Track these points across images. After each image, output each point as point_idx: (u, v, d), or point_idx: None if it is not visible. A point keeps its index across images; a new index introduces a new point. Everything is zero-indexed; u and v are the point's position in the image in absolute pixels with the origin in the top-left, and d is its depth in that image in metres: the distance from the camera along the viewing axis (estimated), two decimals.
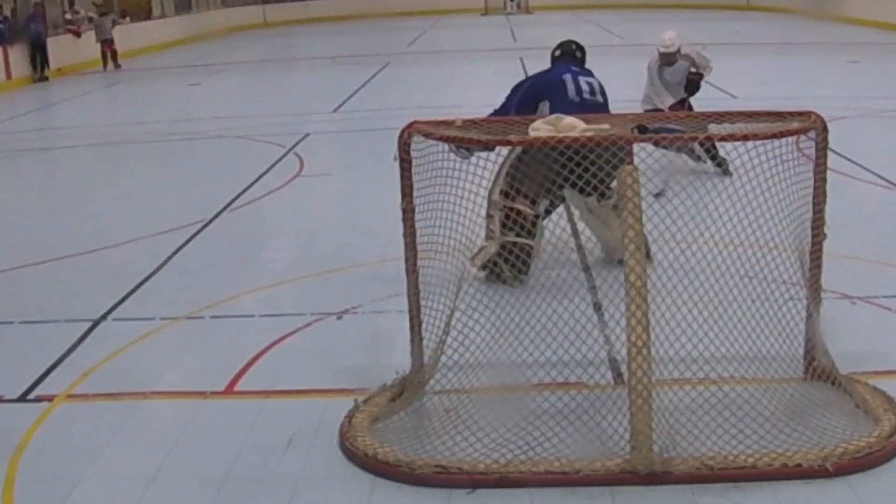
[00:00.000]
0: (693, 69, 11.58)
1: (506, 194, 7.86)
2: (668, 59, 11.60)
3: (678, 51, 11.62)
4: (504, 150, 7.71)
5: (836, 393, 5.68)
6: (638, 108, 11.05)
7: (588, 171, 6.19)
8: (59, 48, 29.34)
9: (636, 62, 21.16)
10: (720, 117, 5.91)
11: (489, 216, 7.87)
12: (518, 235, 7.74)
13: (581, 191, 7.19)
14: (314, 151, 14.69)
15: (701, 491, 4.86)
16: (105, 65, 30.38)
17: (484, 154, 6.21)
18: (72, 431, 5.88)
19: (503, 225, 7.81)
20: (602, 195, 7.40)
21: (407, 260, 5.75)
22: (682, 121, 6.01)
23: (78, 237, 10.34)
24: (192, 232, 10.24)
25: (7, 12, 28.71)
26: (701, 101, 11.53)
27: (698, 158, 11.23)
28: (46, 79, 27.67)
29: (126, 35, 31.88)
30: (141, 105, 23.02)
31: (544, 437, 5.26)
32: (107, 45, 30.48)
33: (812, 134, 5.53)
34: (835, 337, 6.00)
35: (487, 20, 48.50)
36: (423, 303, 5.82)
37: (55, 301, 8.26)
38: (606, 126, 5.67)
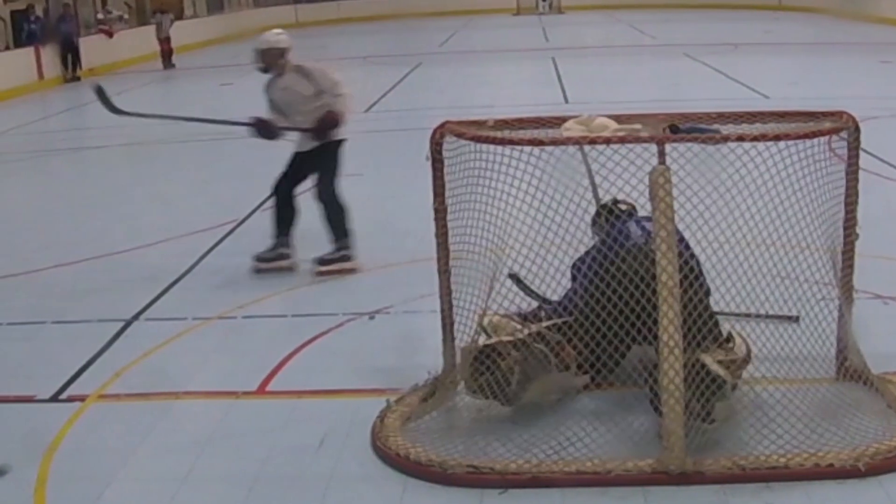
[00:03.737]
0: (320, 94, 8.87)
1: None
2: (269, 65, 8.82)
3: (282, 55, 8.74)
4: None
5: (868, 393, 5.65)
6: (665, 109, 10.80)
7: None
8: (91, 48, 29.51)
9: (668, 62, 21.18)
10: (752, 117, 5.89)
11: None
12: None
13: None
14: (345, 151, 14.65)
15: (733, 491, 4.85)
16: (164, 62, 30.86)
17: (517, 154, 6.11)
18: (104, 431, 5.92)
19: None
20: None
21: (439, 260, 5.76)
22: (715, 120, 5.97)
23: (110, 237, 10.40)
24: (225, 232, 10.28)
25: (39, 13, 28.87)
26: (731, 102, 11.44)
27: None
28: (78, 79, 27.76)
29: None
30: (172, 105, 23.05)
31: (576, 436, 5.26)
32: (164, 43, 30.75)
33: (844, 134, 5.50)
34: (867, 337, 5.96)
35: (519, 20, 48.46)
36: (454, 303, 5.83)
37: (87, 301, 8.31)
38: (638, 126, 5.65)
